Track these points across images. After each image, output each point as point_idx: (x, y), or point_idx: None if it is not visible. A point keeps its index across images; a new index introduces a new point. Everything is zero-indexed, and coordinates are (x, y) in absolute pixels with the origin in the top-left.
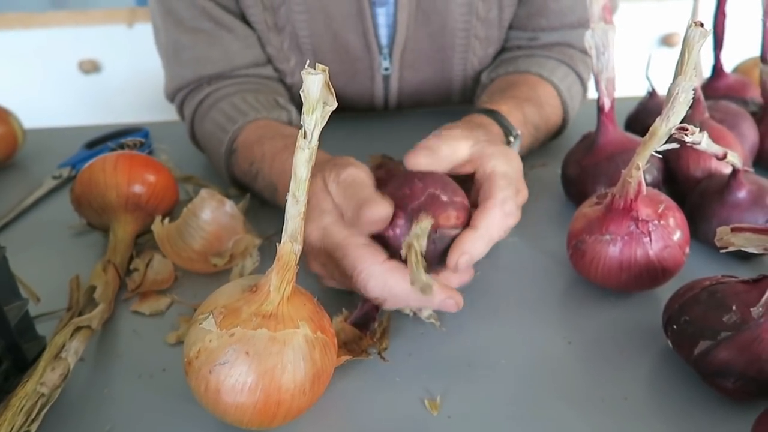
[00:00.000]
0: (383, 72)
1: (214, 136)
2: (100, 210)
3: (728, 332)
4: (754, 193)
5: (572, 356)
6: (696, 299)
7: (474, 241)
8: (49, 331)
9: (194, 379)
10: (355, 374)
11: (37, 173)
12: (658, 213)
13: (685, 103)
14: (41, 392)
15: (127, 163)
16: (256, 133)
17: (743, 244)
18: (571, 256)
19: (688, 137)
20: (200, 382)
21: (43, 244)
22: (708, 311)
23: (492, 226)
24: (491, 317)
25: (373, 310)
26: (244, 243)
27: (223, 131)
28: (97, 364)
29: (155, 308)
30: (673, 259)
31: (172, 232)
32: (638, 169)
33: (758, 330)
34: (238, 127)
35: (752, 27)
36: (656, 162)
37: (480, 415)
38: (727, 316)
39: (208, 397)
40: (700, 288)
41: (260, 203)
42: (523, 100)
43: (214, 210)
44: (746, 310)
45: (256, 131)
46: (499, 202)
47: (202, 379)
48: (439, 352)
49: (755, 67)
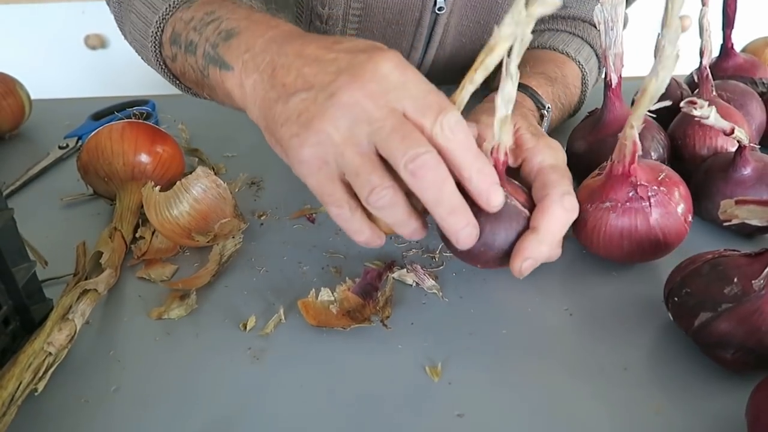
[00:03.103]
0: (436, 10)
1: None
2: (107, 178)
3: (729, 304)
4: (759, 170)
5: (573, 327)
6: (698, 272)
7: (536, 245)
8: (56, 295)
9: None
10: (358, 341)
11: (44, 143)
12: (658, 180)
13: (672, 56)
14: (48, 351)
15: (134, 131)
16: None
17: (747, 217)
18: (574, 227)
19: (696, 111)
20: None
21: (49, 212)
22: (709, 283)
23: (553, 226)
24: (493, 288)
25: (376, 279)
26: (230, 226)
27: None
28: (103, 328)
29: (161, 275)
30: (674, 228)
31: (161, 201)
32: (632, 128)
33: (759, 302)
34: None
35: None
36: (662, 140)
37: (480, 382)
38: (728, 288)
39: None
40: (703, 261)
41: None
42: (552, 78)
43: (206, 189)
44: (747, 282)
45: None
46: (557, 198)
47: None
48: (440, 321)
49: (765, 47)
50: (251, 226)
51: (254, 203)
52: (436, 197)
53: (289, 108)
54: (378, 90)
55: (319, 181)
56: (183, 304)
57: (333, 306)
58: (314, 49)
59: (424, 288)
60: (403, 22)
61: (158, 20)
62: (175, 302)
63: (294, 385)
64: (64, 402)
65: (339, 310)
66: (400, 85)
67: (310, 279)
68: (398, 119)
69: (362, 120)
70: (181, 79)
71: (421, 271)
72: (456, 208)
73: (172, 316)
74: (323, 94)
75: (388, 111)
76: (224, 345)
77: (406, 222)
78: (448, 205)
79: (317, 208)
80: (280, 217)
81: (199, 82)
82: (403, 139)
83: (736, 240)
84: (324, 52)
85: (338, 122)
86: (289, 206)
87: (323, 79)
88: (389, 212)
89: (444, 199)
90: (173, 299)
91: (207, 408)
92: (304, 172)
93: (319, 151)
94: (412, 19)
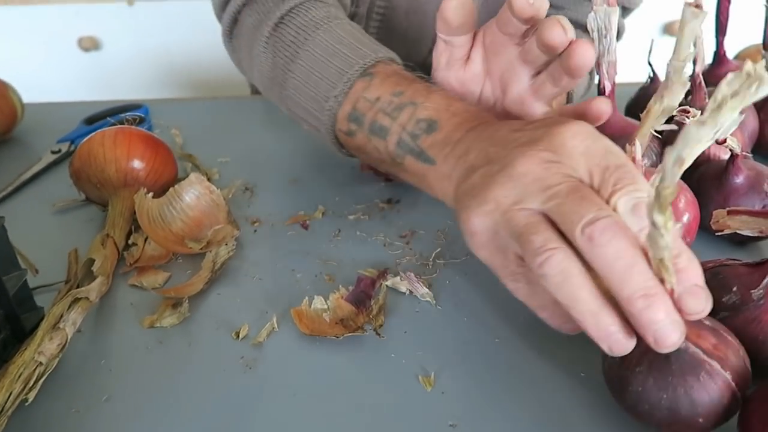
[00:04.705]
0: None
1: (340, 55)
2: (99, 184)
3: (727, 312)
4: (751, 179)
5: (568, 336)
6: None
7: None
8: (47, 303)
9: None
10: (351, 350)
11: (36, 148)
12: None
13: (679, 84)
14: (39, 361)
15: (126, 137)
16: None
17: (739, 227)
18: None
19: (689, 119)
20: None
21: (41, 218)
22: (710, 292)
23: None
24: (487, 296)
25: (370, 287)
26: (223, 233)
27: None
28: (95, 336)
29: (153, 282)
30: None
31: (153, 208)
32: (632, 145)
33: (757, 311)
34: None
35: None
36: (656, 147)
37: (473, 391)
38: (727, 296)
39: None
40: (704, 269)
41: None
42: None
43: (199, 195)
44: (746, 292)
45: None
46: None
47: None
48: (434, 330)
49: (757, 54)
50: (244, 232)
51: (248, 209)
52: (621, 271)
53: (468, 184)
54: (553, 158)
55: (490, 252)
56: (175, 313)
57: (326, 314)
58: (505, 131)
59: (417, 296)
60: (425, 21)
61: (337, 95)
62: (168, 310)
63: (287, 394)
64: (55, 412)
65: (332, 319)
66: (579, 153)
67: (304, 287)
68: (574, 184)
69: (534, 188)
70: (354, 152)
71: (414, 279)
72: (652, 291)
73: (165, 324)
74: (497, 166)
75: (562, 177)
76: (217, 354)
77: (586, 303)
78: (640, 285)
79: (311, 215)
80: (274, 223)
81: (384, 161)
82: (580, 200)
83: (728, 248)
84: (512, 133)
85: (508, 191)
86: (282, 213)
87: (501, 152)
88: (560, 283)
89: (633, 275)
90: (165, 307)
91: (199, 417)
92: (475, 245)
93: (487, 221)
94: (434, 16)
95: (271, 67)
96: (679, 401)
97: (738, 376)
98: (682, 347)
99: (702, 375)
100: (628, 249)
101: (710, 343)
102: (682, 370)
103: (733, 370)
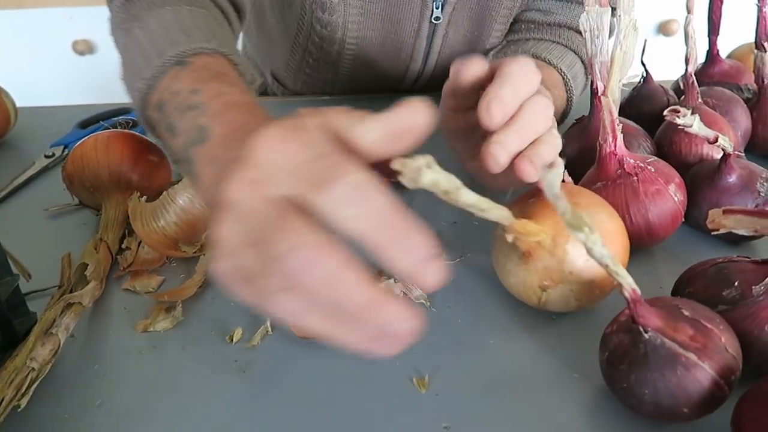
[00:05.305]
0: (433, 20)
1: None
2: (92, 188)
3: (725, 306)
4: (744, 178)
5: (561, 336)
6: (704, 273)
7: (499, 88)
8: (40, 308)
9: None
10: (345, 352)
11: (30, 152)
12: (646, 162)
13: (630, 24)
14: (31, 366)
15: (119, 141)
16: (216, 66)
17: (734, 226)
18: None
19: (679, 119)
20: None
21: (34, 222)
22: (711, 285)
23: (513, 73)
24: (480, 298)
25: None
26: None
27: (177, 38)
28: (88, 341)
29: (147, 286)
30: (666, 206)
31: (147, 212)
32: (606, 96)
33: (754, 307)
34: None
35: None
36: (649, 147)
37: (468, 393)
38: (727, 291)
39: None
40: (711, 264)
41: None
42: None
43: (193, 199)
44: (748, 287)
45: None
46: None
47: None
48: (428, 332)
49: (750, 53)
50: None
51: None
52: (333, 296)
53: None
54: (256, 178)
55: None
56: (169, 317)
57: None
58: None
59: (411, 298)
60: (401, 33)
61: (150, 77)
62: (161, 314)
63: (281, 397)
64: (48, 418)
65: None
66: (279, 168)
67: None
68: (273, 213)
69: (243, 220)
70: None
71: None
72: (372, 304)
73: (158, 328)
74: (216, 196)
75: (263, 203)
76: (211, 358)
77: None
78: (357, 299)
79: None
80: None
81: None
82: (275, 231)
83: (722, 247)
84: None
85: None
86: None
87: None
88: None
89: (348, 293)
90: (159, 311)
91: (193, 421)
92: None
93: (227, 265)
94: (411, 30)
95: (114, 28)
96: (660, 395)
97: (719, 366)
98: (658, 342)
99: (679, 368)
100: (327, 278)
101: (687, 336)
102: (659, 366)
103: (713, 359)
